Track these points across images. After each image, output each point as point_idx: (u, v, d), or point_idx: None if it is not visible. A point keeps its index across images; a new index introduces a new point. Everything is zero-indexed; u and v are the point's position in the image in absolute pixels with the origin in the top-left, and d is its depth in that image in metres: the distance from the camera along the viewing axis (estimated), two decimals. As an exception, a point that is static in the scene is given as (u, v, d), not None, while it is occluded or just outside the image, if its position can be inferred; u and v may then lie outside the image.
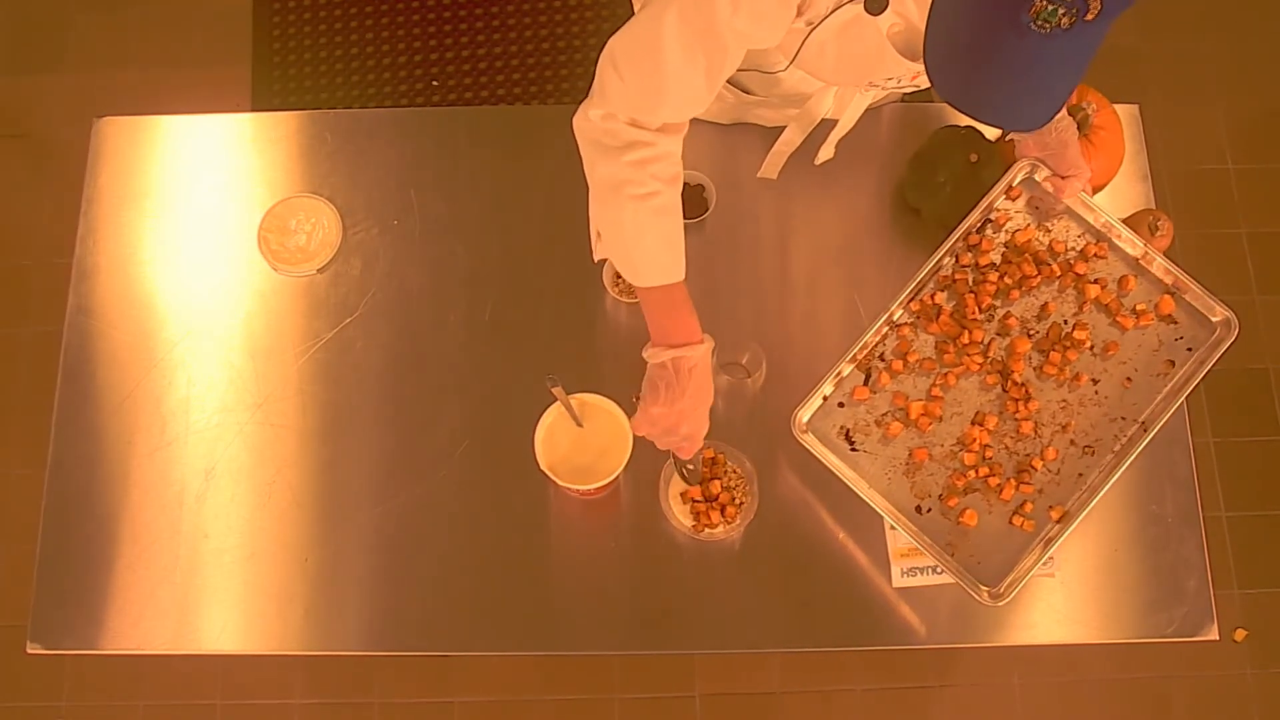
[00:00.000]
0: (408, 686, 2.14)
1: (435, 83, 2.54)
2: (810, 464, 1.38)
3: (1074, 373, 1.33)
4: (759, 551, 1.38)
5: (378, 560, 1.38)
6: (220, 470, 1.42)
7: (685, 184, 1.47)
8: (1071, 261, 1.36)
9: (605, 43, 1.14)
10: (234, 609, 1.37)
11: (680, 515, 1.35)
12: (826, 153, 1.47)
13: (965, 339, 1.34)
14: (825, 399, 1.33)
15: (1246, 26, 2.64)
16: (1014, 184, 1.38)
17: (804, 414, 1.31)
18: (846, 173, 1.54)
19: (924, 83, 1.22)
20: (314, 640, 1.36)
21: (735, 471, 1.36)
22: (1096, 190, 1.51)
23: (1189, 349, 1.33)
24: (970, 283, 1.36)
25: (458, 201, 1.54)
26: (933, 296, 1.36)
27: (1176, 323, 1.35)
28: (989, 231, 1.38)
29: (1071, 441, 1.32)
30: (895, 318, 1.35)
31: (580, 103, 1.17)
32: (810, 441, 1.30)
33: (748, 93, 1.44)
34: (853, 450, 1.32)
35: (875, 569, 1.37)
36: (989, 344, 1.34)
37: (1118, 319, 1.34)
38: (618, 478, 1.31)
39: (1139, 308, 1.34)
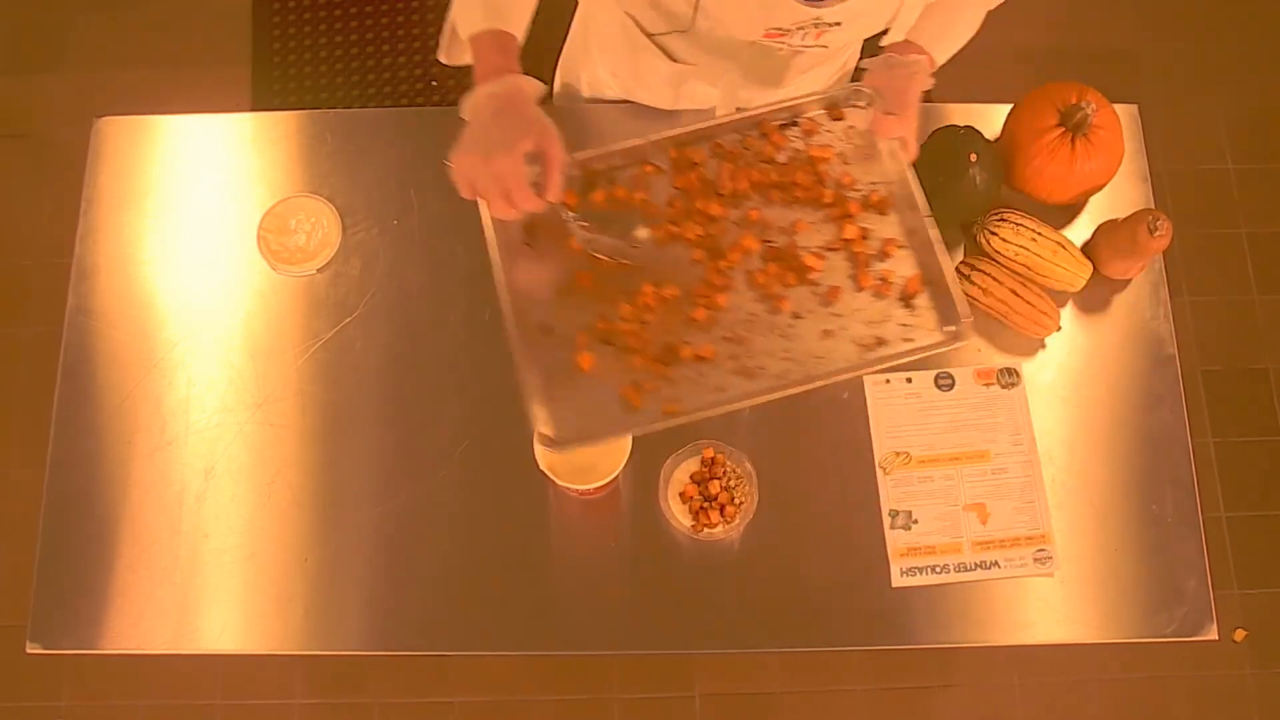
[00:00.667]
0: (408, 686, 2.14)
1: (435, 83, 2.54)
2: (810, 464, 1.39)
3: (782, 295, 1.19)
4: (759, 551, 1.38)
5: (378, 560, 1.38)
6: (220, 470, 1.42)
7: None
8: (849, 199, 1.23)
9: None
10: (234, 609, 1.37)
11: (680, 515, 1.35)
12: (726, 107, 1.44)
13: (699, 204, 1.22)
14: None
15: (1246, 26, 2.64)
16: (839, 105, 1.27)
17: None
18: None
19: (829, 40, 1.21)
20: (314, 640, 1.36)
21: (735, 471, 1.36)
22: (1096, 190, 1.51)
23: (906, 339, 1.18)
24: (739, 163, 1.24)
25: (458, 201, 1.52)
26: (694, 153, 1.24)
27: (913, 309, 1.19)
28: (790, 132, 1.26)
29: (733, 356, 1.16)
30: (650, 155, 1.23)
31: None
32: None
33: (679, 61, 1.41)
34: (526, 244, 1.19)
35: (875, 569, 1.37)
36: (717, 221, 1.22)
37: (859, 274, 1.20)
38: (618, 478, 1.31)
39: (886, 275, 1.20)
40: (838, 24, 1.20)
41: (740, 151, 1.25)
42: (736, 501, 1.35)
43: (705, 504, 1.35)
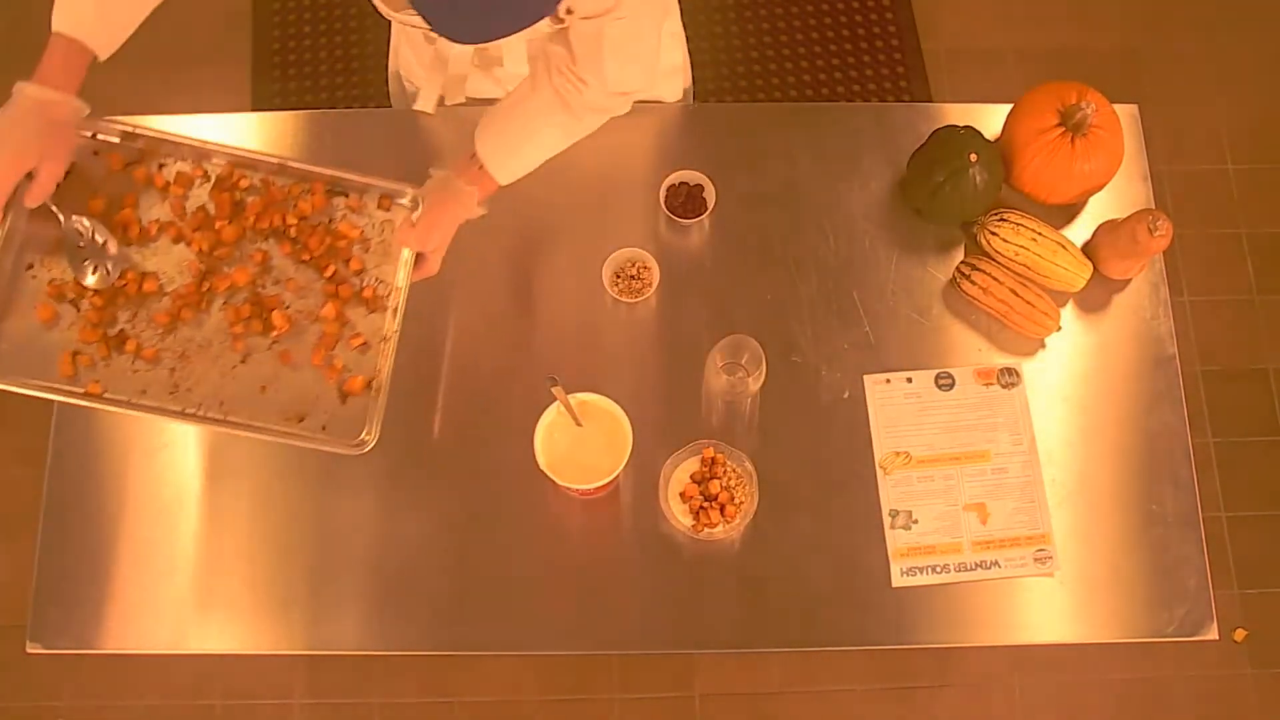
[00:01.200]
0: (408, 686, 2.14)
1: (435, 83, 2.54)
2: (810, 464, 1.38)
3: (241, 336, 1.24)
4: (759, 551, 1.38)
5: (377, 561, 1.38)
6: (220, 470, 1.41)
7: (685, 184, 1.48)
8: (345, 282, 1.28)
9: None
10: (234, 609, 1.37)
11: (680, 515, 1.35)
12: (453, 93, 1.49)
13: (219, 224, 1.25)
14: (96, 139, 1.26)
15: (1246, 26, 2.64)
16: (390, 197, 1.32)
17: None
18: (847, 173, 1.54)
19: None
20: (314, 640, 1.36)
21: (735, 471, 1.36)
22: (1096, 190, 1.51)
23: (322, 426, 1.23)
24: (272, 204, 1.27)
25: (458, 201, 1.53)
26: (243, 177, 1.28)
27: (344, 404, 1.24)
28: (336, 199, 1.30)
29: (172, 368, 1.22)
30: (205, 161, 1.28)
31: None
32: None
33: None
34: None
35: (875, 569, 1.37)
36: (225, 245, 1.25)
37: (315, 351, 1.25)
38: (618, 478, 1.31)
39: (337, 363, 1.25)
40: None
41: (282, 195, 1.29)
42: (736, 501, 1.35)
43: (705, 504, 1.35)
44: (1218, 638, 1.37)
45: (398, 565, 1.38)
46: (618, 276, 1.46)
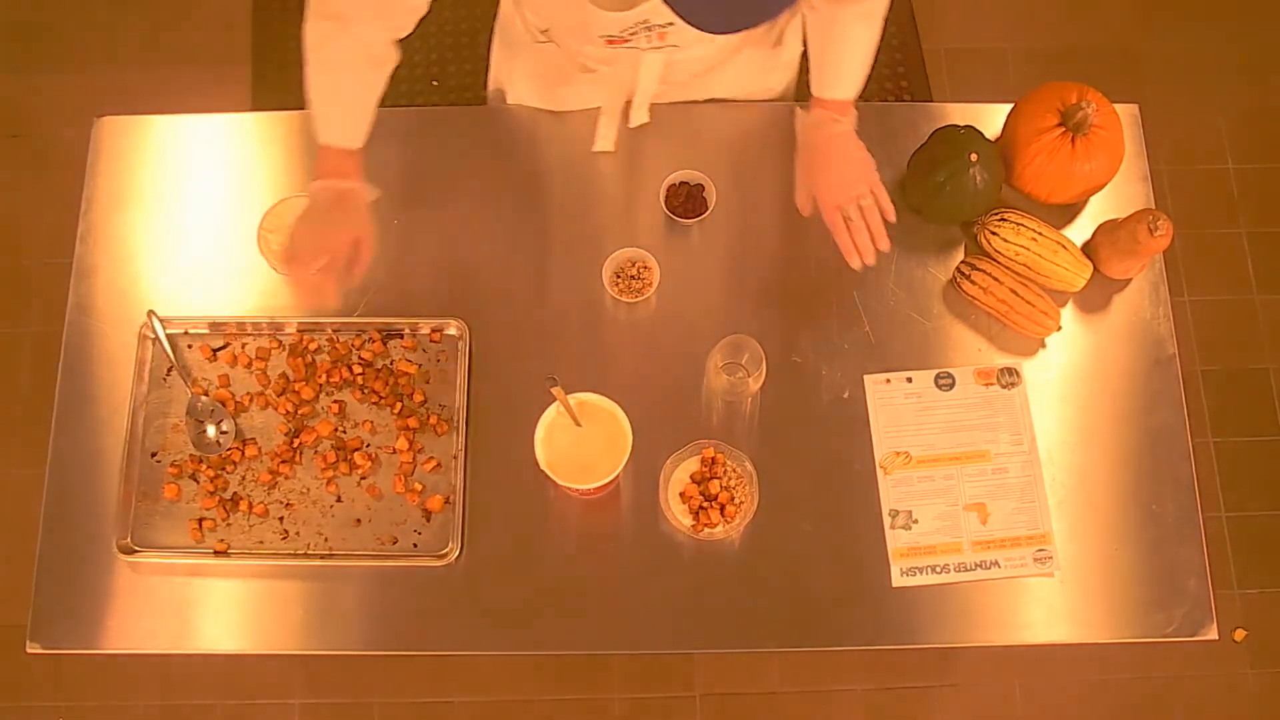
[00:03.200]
0: (408, 686, 2.14)
1: (436, 83, 2.54)
2: (810, 464, 1.38)
3: (333, 479, 1.40)
4: (759, 551, 1.38)
5: (377, 560, 1.38)
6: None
7: (685, 184, 1.48)
8: (414, 414, 1.41)
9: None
10: (234, 609, 1.37)
11: (679, 515, 1.35)
12: (639, 115, 1.52)
13: (296, 385, 1.42)
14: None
15: (1246, 26, 2.64)
16: (440, 330, 1.45)
17: None
18: (846, 173, 1.54)
19: (677, 39, 1.30)
20: (314, 640, 1.36)
21: (735, 471, 1.36)
22: (1096, 190, 1.51)
23: (414, 544, 1.38)
24: (338, 359, 1.44)
25: (458, 202, 1.53)
26: (310, 340, 1.45)
27: (429, 522, 1.38)
28: (392, 342, 1.45)
29: (280, 517, 1.38)
30: (278, 333, 1.45)
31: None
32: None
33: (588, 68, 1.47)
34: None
35: (875, 569, 1.37)
36: (306, 403, 1.42)
37: (397, 479, 1.39)
38: (617, 478, 1.31)
39: (418, 488, 1.39)
40: (670, 24, 1.23)
41: (345, 348, 1.45)
42: (737, 501, 1.35)
43: (705, 504, 1.35)
44: (1217, 638, 1.37)
45: (397, 565, 1.37)
46: (618, 276, 1.46)
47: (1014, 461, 1.42)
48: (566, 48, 1.42)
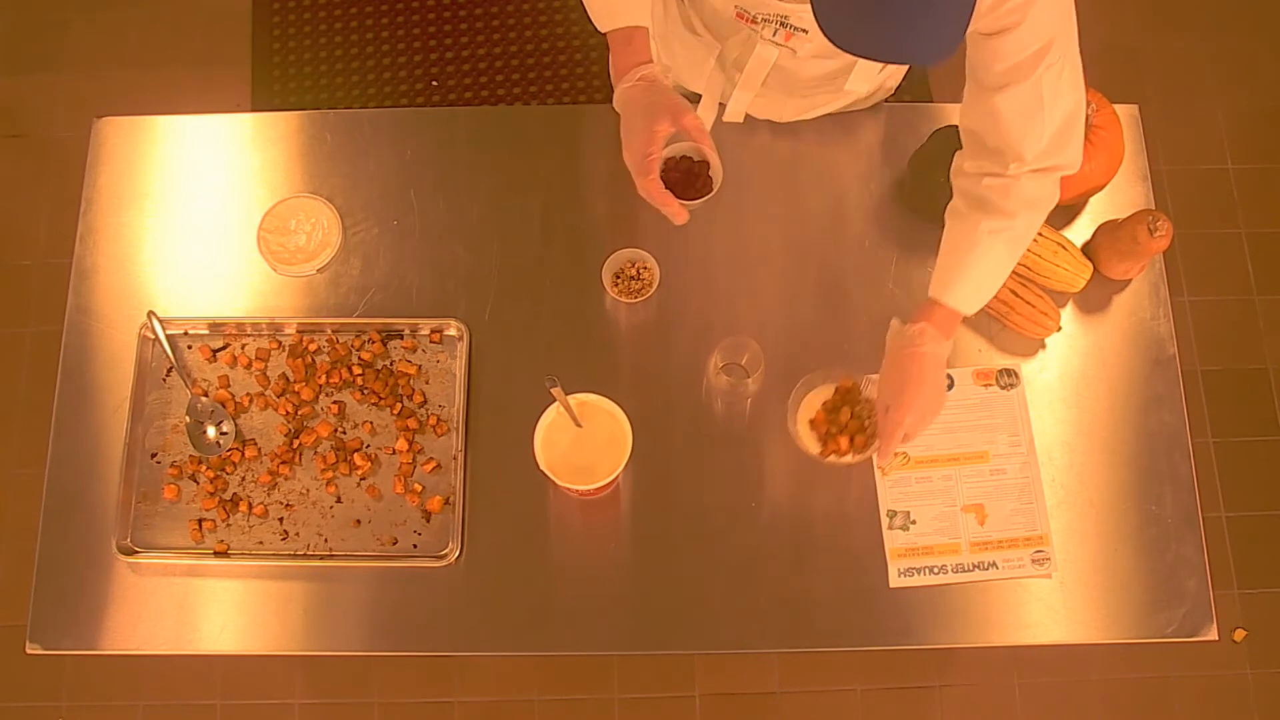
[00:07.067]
0: (408, 686, 2.14)
1: (435, 83, 2.54)
2: (809, 464, 1.38)
3: (332, 480, 1.39)
4: (759, 551, 1.38)
5: (377, 561, 1.38)
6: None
7: (691, 159, 1.44)
8: (413, 415, 1.41)
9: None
10: (234, 609, 1.37)
11: (808, 440, 1.34)
12: (737, 106, 1.49)
13: (296, 386, 1.42)
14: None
15: (1246, 26, 2.64)
16: (440, 331, 1.46)
17: None
18: (847, 173, 1.54)
19: (797, 46, 1.27)
20: (314, 640, 1.36)
21: (868, 402, 1.34)
22: (1096, 190, 1.51)
23: (413, 544, 1.37)
24: (337, 360, 1.43)
25: (458, 201, 1.54)
26: (310, 341, 1.44)
27: (428, 523, 1.38)
28: (392, 343, 1.45)
29: (279, 518, 1.38)
30: (278, 334, 1.45)
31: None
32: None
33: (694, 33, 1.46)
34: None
35: (874, 570, 1.37)
36: (306, 404, 1.42)
37: (397, 480, 1.39)
38: (617, 478, 1.31)
39: (418, 489, 1.39)
40: (804, 30, 1.21)
41: (345, 349, 1.44)
42: (867, 431, 1.33)
43: (835, 431, 1.33)
44: (1217, 638, 1.37)
45: (397, 565, 1.37)
46: (618, 277, 1.46)
47: (1012, 463, 1.42)
48: (700, 12, 1.39)
